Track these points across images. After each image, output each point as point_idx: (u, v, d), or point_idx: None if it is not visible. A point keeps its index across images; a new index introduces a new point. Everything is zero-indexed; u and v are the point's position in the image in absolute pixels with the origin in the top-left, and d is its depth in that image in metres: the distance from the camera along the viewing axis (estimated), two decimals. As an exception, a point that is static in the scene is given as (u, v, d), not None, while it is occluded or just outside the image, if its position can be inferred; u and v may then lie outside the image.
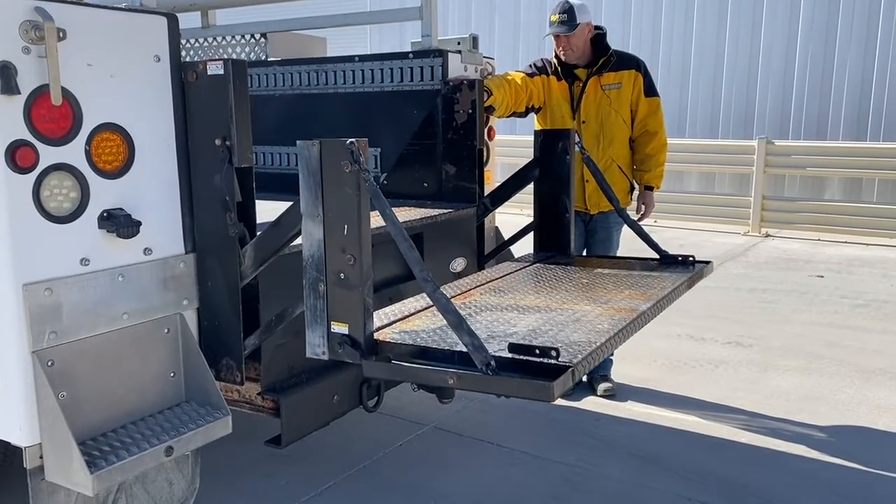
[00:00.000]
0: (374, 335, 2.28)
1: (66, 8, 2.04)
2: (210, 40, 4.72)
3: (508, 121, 6.04)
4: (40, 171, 2.01)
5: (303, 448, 3.21)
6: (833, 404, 4.49)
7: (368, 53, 4.07)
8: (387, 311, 2.63)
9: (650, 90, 4.38)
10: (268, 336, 2.50)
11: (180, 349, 2.38)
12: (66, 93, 2.04)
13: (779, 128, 11.35)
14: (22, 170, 1.97)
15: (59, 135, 2.05)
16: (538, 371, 2.04)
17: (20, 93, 1.94)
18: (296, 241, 2.35)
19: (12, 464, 2.38)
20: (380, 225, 2.24)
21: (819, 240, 9.78)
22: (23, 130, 1.97)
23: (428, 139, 3.77)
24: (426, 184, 3.80)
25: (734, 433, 4.10)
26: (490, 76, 4.08)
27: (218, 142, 2.34)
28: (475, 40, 3.91)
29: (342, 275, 2.18)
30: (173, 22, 2.33)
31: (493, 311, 2.68)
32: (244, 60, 2.68)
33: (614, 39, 4.51)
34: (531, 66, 4.47)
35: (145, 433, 2.18)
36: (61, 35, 1.99)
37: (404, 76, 3.85)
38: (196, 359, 2.38)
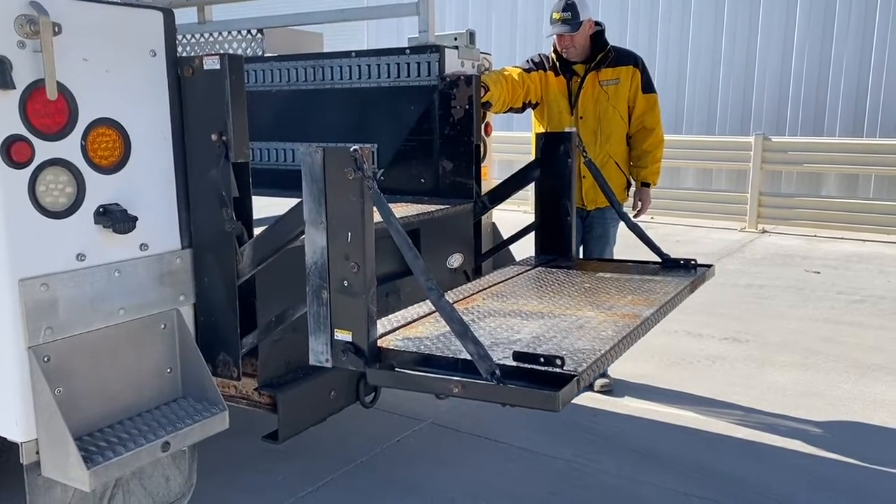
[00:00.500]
0: (378, 342, 2.28)
1: (62, 2, 2.02)
2: (206, 36, 4.70)
3: (505, 117, 6.04)
4: (36, 166, 2.00)
5: (300, 444, 3.21)
6: (829, 400, 4.50)
7: (365, 49, 4.06)
8: (390, 318, 2.63)
9: (648, 87, 4.38)
10: (266, 336, 2.50)
11: (177, 345, 2.37)
12: (62, 87, 2.03)
13: (775, 124, 11.36)
14: (17, 165, 1.96)
15: (55, 130, 2.04)
16: (543, 379, 2.04)
17: (15, 87, 1.93)
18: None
19: (9, 459, 2.38)
20: (377, 220, 2.23)
21: (816, 236, 9.80)
22: (18, 125, 1.96)
23: (425, 135, 3.77)
24: (423, 180, 3.79)
25: (731, 428, 4.11)
26: (487, 72, 4.08)
27: (214, 137, 2.33)
28: (472, 36, 3.90)
29: (345, 282, 2.18)
30: (169, 17, 2.32)
31: (496, 317, 2.68)
32: (241, 55, 2.68)
33: (611, 36, 4.50)
34: (528, 62, 4.46)
35: (142, 429, 2.18)
36: (57, 29, 1.98)
37: (401, 72, 3.84)
38: (193, 354, 2.37)
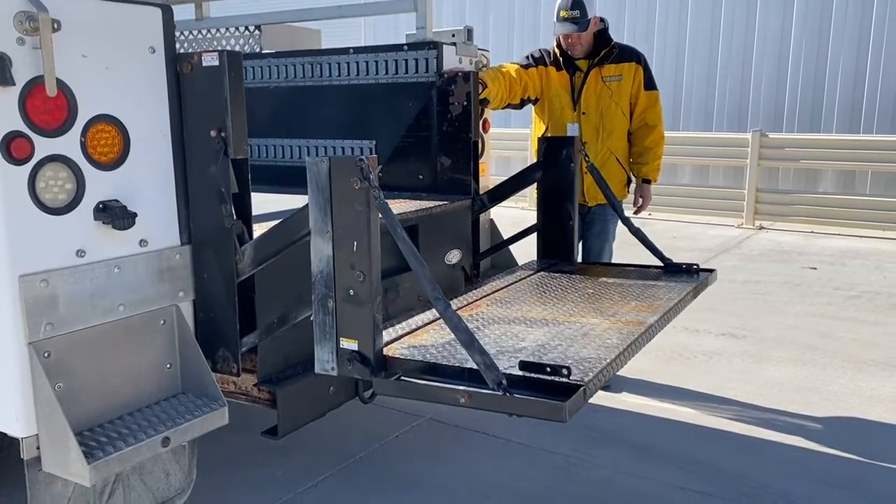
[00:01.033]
0: (384, 350, 2.29)
1: (61, -1, 2.03)
2: (204, 32, 4.70)
3: (503, 114, 6.03)
4: (36, 163, 2.01)
5: (299, 439, 3.21)
6: (825, 395, 4.52)
7: (363, 45, 4.06)
8: (395, 325, 2.64)
9: (650, 83, 4.39)
10: (267, 337, 2.51)
11: (176, 341, 2.38)
12: (61, 84, 2.03)
13: (773, 120, 11.38)
14: (17, 161, 1.97)
15: (55, 126, 2.04)
16: (549, 389, 2.05)
17: (15, 84, 1.94)
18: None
19: (9, 455, 2.38)
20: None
21: (812, 232, 9.82)
22: (18, 122, 1.96)
23: (423, 131, 3.78)
24: (421, 176, 3.80)
25: (728, 423, 4.12)
26: (484, 68, 4.08)
27: (213, 133, 2.34)
28: (470, 32, 3.91)
29: (351, 291, 2.18)
30: (168, 13, 2.32)
31: (501, 325, 2.69)
32: (239, 52, 2.68)
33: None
34: (528, 58, 4.46)
35: (142, 424, 2.18)
36: (56, 26, 1.98)
37: (399, 68, 3.85)
38: (192, 350, 2.38)
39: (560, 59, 4.37)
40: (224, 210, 2.37)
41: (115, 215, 2.15)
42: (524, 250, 4.00)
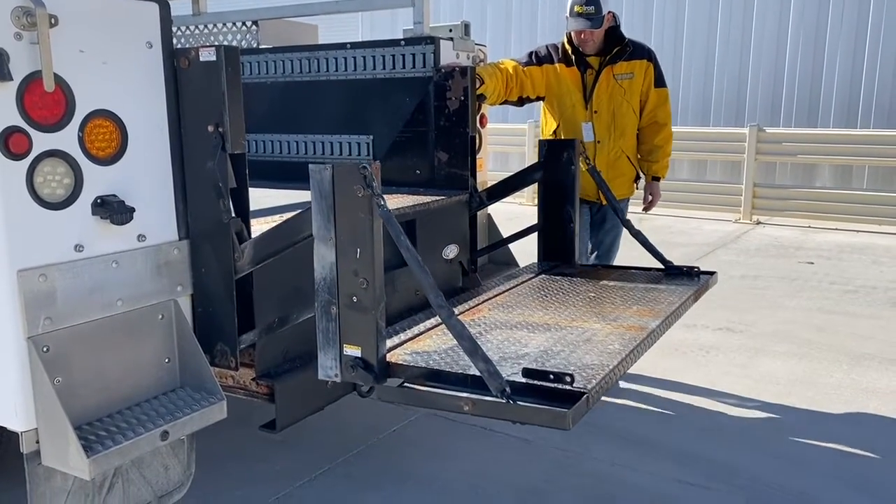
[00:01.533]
0: (387, 357, 2.29)
1: (58, -6, 2.03)
2: (201, 28, 4.70)
3: (500, 109, 6.03)
4: (34, 158, 2.01)
5: (297, 433, 3.22)
6: (822, 388, 4.54)
7: (360, 41, 4.07)
8: (397, 331, 2.66)
9: (660, 81, 4.37)
10: (266, 335, 2.51)
11: (175, 335, 2.38)
12: (59, 79, 2.03)
13: (770, 115, 11.38)
14: (15, 156, 1.97)
15: (52, 121, 2.05)
16: (553, 396, 2.07)
17: (12, 79, 1.94)
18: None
19: (8, 449, 2.40)
20: None
21: (810, 227, 9.83)
22: (15, 117, 1.97)
23: (420, 126, 3.78)
24: (418, 171, 3.80)
25: (725, 417, 4.14)
26: (482, 63, 4.07)
27: (211, 128, 2.34)
28: (467, 27, 3.91)
29: (354, 298, 2.19)
30: (165, 8, 2.32)
31: (503, 330, 2.71)
32: (237, 47, 2.68)
33: (606, 27, 4.49)
34: (531, 56, 4.35)
35: (141, 418, 2.19)
36: (53, 21, 1.98)
37: (396, 63, 3.85)
38: (190, 344, 2.38)
39: (572, 56, 4.26)
40: (222, 205, 2.38)
41: (114, 210, 2.16)
42: (521, 246, 4.02)
